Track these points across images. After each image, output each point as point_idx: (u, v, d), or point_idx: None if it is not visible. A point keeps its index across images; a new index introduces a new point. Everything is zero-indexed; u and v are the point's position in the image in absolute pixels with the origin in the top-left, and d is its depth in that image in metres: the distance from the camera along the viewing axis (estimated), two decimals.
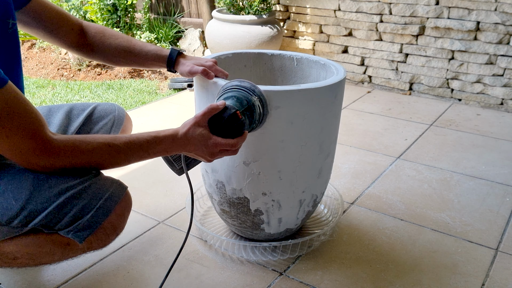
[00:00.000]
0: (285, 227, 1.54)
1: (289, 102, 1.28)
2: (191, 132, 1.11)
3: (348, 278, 1.48)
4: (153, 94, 3.36)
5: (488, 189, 2.02)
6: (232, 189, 1.44)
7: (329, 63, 1.53)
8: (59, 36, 1.32)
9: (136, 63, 1.41)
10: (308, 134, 1.36)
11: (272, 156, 1.36)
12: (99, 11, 4.06)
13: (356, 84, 3.51)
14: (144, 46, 1.39)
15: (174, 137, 1.11)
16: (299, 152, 1.37)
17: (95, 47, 1.38)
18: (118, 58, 1.39)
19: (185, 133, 1.11)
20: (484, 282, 1.47)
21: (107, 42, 1.37)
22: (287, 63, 1.66)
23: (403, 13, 3.12)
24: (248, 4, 3.42)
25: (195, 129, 1.11)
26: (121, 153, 1.07)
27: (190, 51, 4.04)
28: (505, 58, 2.86)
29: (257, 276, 1.48)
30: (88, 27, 1.38)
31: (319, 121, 1.36)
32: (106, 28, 1.40)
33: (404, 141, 2.51)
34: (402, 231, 1.73)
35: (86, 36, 1.37)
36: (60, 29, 1.31)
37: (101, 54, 1.39)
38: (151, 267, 1.53)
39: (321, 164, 1.46)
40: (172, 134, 1.11)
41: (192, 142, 1.11)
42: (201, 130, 1.11)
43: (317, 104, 1.32)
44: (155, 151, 1.10)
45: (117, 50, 1.37)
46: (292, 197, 1.45)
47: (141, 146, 1.08)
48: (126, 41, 1.38)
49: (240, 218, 1.52)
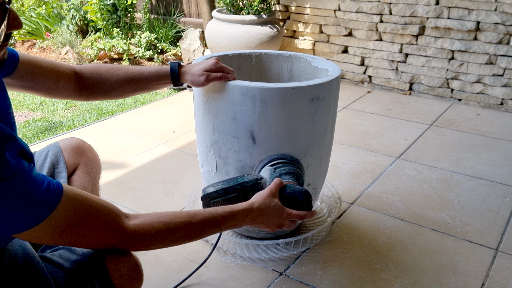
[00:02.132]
0: None
1: (330, 92, 1.42)
2: (268, 203, 1.13)
3: (348, 278, 1.48)
4: (153, 94, 3.36)
5: (488, 189, 2.02)
6: None
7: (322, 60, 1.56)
8: (59, 90, 1.27)
9: (140, 89, 1.37)
10: (332, 117, 1.51)
11: (317, 145, 1.46)
12: (99, 11, 4.05)
13: (356, 84, 3.51)
14: (142, 70, 1.36)
15: (249, 210, 1.11)
16: (329, 137, 1.52)
17: (96, 88, 1.34)
18: (121, 91, 1.36)
19: (260, 204, 1.12)
20: (484, 282, 1.47)
21: (106, 79, 1.33)
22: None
23: (403, 13, 3.12)
24: (248, 4, 3.42)
25: (271, 200, 1.14)
26: (197, 230, 1.06)
27: (190, 51, 4.04)
28: (505, 58, 2.86)
29: (257, 276, 1.48)
30: (82, 70, 1.33)
31: (334, 105, 1.50)
32: (99, 65, 1.36)
33: (404, 141, 2.51)
34: (402, 231, 1.73)
35: (83, 81, 1.32)
36: (58, 83, 1.26)
37: (103, 92, 1.35)
38: (151, 267, 1.53)
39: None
40: (247, 208, 1.11)
41: (265, 213, 1.12)
42: (277, 201, 1.14)
43: (337, 90, 1.50)
44: (228, 225, 1.10)
45: (117, 83, 1.34)
46: (323, 180, 1.63)
47: (217, 223, 1.07)
48: (123, 72, 1.34)
49: None
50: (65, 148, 1.38)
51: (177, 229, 1.02)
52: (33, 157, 0.88)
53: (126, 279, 1.02)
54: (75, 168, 1.39)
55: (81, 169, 1.40)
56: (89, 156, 1.43)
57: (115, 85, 1.33)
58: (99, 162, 1.47)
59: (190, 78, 1.32)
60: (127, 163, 2.27)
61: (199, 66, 1.33)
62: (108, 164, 2.23)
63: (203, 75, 1.30)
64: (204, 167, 1.55)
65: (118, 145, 2.47)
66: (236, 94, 1.33)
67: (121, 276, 1.02)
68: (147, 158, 2.32)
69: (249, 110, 1.33)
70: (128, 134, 2.62)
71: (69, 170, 1.35)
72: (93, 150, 1.46)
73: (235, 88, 1.32)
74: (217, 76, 1.31)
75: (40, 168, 1.33)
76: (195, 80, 1.32)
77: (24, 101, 3.25)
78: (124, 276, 1.02)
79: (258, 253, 1.58)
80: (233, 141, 1.40)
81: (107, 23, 4.11)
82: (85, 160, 1.42)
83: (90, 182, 1.40)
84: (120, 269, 1.02)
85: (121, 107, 3.08)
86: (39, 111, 3.08)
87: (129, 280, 1.03)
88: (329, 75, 1.45)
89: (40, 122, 2.85)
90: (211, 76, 1.31)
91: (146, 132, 2.63)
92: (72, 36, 4.30)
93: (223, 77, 1.32)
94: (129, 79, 1.33)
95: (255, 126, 1.35)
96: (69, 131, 2.67)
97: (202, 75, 1.31)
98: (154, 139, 2.54)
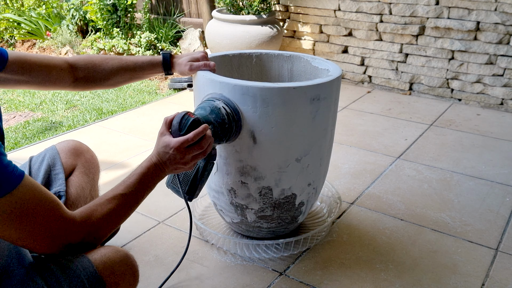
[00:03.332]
0: (308, 212, 1.65)
1: (330, 92, 1.42)
2: (158, 144, 1.17)
3: (348, 278, 1.48)
4: (153, 94, 3.36)
5: (488, 189, 2.02)
6: (280, 190, 1.46)
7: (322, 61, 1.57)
8: (52, 81, 1.29)
9: (134, 78, 1.43)
10: (333, 117, 1.51)
11: (318, 145, 1.47)
12: (99, 11, 4.05)
13: (356, 84, 3.51)
14: (136, 59, 1.41)
15: (151, 159, 1.16)
16: (329, 137, 1.52)
17: (90, 78, 1.37)
18: (115, 80, 1.40)
19: (155, 148, 1.18)
20: (484, 282, 1.47)
21: (100, 69, 1.36)
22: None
23: (403, 13, 3.12)
24: (248, 4, 3.42)
25: (159, 140, 1.18)
26: (130, 196, 1.11)
27: (190, 51, 4.04)
28: (505, 58, 2.86)
29: (257, 276, 1.48)
30: (76, 61, 1.35)
31: (335, 105, 1.51)
32: (93, 56, 1.39)
33: (404, 141, 2.51)
34: (402, 231, 1.73)
35: (77, 71, 1.34)
36: (51, 75, 1.28)
37: (98, 82, 1.38)
38: (151, 267, 1.53)
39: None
40: (149, 157, 1.17)
41: (161, 153, 1.16)
42: (164, 138, 1.17)
43: (337, 90, 1.50)
44: (149, 180, 1.15)
45: (112, 73, 1.38)
46: (323, 180, 1.62)
47: (139, 182, 1.13)
48: (117, 61, 1.39)
49: (280, 218, 1.54)
50: (62, 150, 1.40)
51: (114, 204, 1.07)
52: (3, 131, 0.93)
53: (118, 274, 1.03)
54: (73, 170, 1.40)
55: (79, 170, 1.41)
56: (87, 157, 1.44)
57: (109, 74, 1.38)
58: (97, 163, 1.48)
59: (177, 68, 1.43)
60: (127, 163, 2.27)
61: (186, 57, 1.43)
62: (108, 164, 2.23)
63: (188, 65, 1.41)
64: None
65: (118, 145, 2.47)
66: (237, 93, 1.33)
67: (112, 273, 1.02)
68: None
69: (249, 110, 1.33)
70: (128, 134, 2.62)
71: (66, 172, 1.36)
72: (90, 151, 1.47)
73: (236, 88, 1.33)
74: (199, 65, 1.41)
75: (37, 170, 1.34)
76: (181, 69, 1.42)
77: (24, 101, 3.25)
78: (115, 272, 1.02)
79: (258, 253, 1.58)
80: (234, 141, 1.40)
81: (107, 23, 4.11)
82: (82, 161, 1.43)
83: (88, 182, 1.41)
84: (109, 264, 1.02)
85: (121, 107, 3.08)
86: (39, 111, 3.08)
87: (121, 276, 1.03)
88: (330, 75, 1.45)
89: (40, 122, 2.85)
90: (193, 66, 1.41)
91: (146, 132, 2.63)
92: (72, 36, 4.30)
93: (205, 65, 1.41)
94: (123, 68, 1.39)
95: (256, 126, 1.36)
96: (69, 131, 2.67)
97: (186, 65, 1.41)
98: (154, 139, 2.53)
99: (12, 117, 3.00)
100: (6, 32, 4.67)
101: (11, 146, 2.52)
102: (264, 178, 1.43)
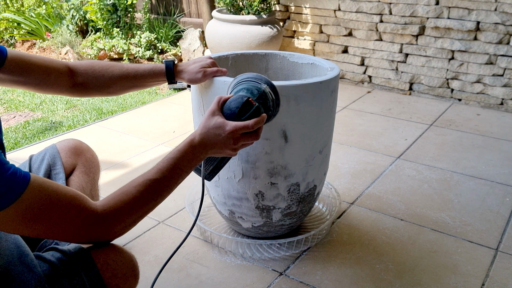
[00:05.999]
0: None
1: (336, 85, 1.49)
2: (207, 124, 1.08)
3: (348, 278, 1.48)
4: (153, 94, 3.36)
5: (488, 189, 2.02)
6: (306, 184, 1.49)
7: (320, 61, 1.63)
8: (50, 84, 1.26)
9: (135, 86, 1.38)
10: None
11: (331, 138, 1.53)
12: (99, 11, 4.05)
13: (356, 84, 3.51)
14: (137, 67, 1.36)
15: (192, 140, 1.08)
16: (332, 126, 1.56)
17: (90, 84, 1.33)
18: (116, 88, 1.36)
19: (202, 127, 1.08)
20: (484, 282, 1.47)
21: (100, 76, 1.33)
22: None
23: (403, 13, 3.12)
24: (248, 4, 3.42)
25: (211, 120, 1.09)
26: (159, 184, 1.05)
27: (190, 51, 4.04)
28: (505, 58, 2.86)
29: (257, 276, 1.48)
30: (76, 66, 1.32)
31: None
32: (93, 62, 1.36)
33: (404, 141, 2.51)
34: (402, 231, 1.73)
35: (76, 76, 1.31)
36: (49, 77, 1.25)
37: (97, 89, 1.35)
38: (151, 267, 1.53)
39: None
40: (190, 138, 1.09)
41: (210, 134, 1.08)
42: (217, 118, 1.09)
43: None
44: (184, 164, 1.07)
45: (112, 80, 1.34)
46: (323, 180, 1.64)
47: (173, 167, 1.06)
48: (118, 69, 1.34)
49: (302, 212, 1.57)
50: (62, 150, 1.39)
51: (141, 192, 1.02)
52: (3, 145, 0.89)
53: (120, 277, 1.01)
54: (73, 169, 1.39)
55: (79, 170, 1.40)
56: (87, 156, 1.43)
57: (109, 82, 1.34)
58: (97, 162, 1.47)
59: (187, 76, 1.36)
60: (127, 163, 2.27)
61: (196, 64, 1.38)
62: (108, 164, 2.23)
63: (200, 71, 1.35)
64: (222, 176, 1.50)
65: (118, 145, 2.47)
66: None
67: (114, 275, 1.00)
68: (147, 158, 2.32)
69: (282, 110, 1.30)
70: (128, 134, 2.62)
71: (67, 171, 1.35)
72: (91, 151, 1.46)
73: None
74: (213, 71, 1.36)
75: (37, 170, 1.33)
76: (192, 77, 1.36)
77: (24, 101, 3.25)
78: (117, 274, 1.01)
79: (259, 253, 1.58)
80: (263, 143, 1.38)
81: (107, 23, 4.11)
82: (83, 160, 1.41)
83: (88, 182, 1.40)
84: (113, 266, 1.00)
85: (121, 107, 3.08)
86: (39, 111, 3.08)
87: (123, 278, 1.02)
88: (328, 68, 1.51)
89: (40, 122, 2.85)
90: (207, 72, 1.35)
91: (146, 132, 2.63)
92: (72, 36, 4.30)
93: (218, 71, 1.37)
94: (123, 77, 1.35)
95: (287, 125, 1.37)
96: (69, 131, 2.67)
97: (199, 72, 1.35)
98: (154, 139, 2.54)
99: (12, 117, 3.00)
100: (6, 32, 4.67)
101: (11, 146, 2.52)
102: (294, 175, 1.45)
